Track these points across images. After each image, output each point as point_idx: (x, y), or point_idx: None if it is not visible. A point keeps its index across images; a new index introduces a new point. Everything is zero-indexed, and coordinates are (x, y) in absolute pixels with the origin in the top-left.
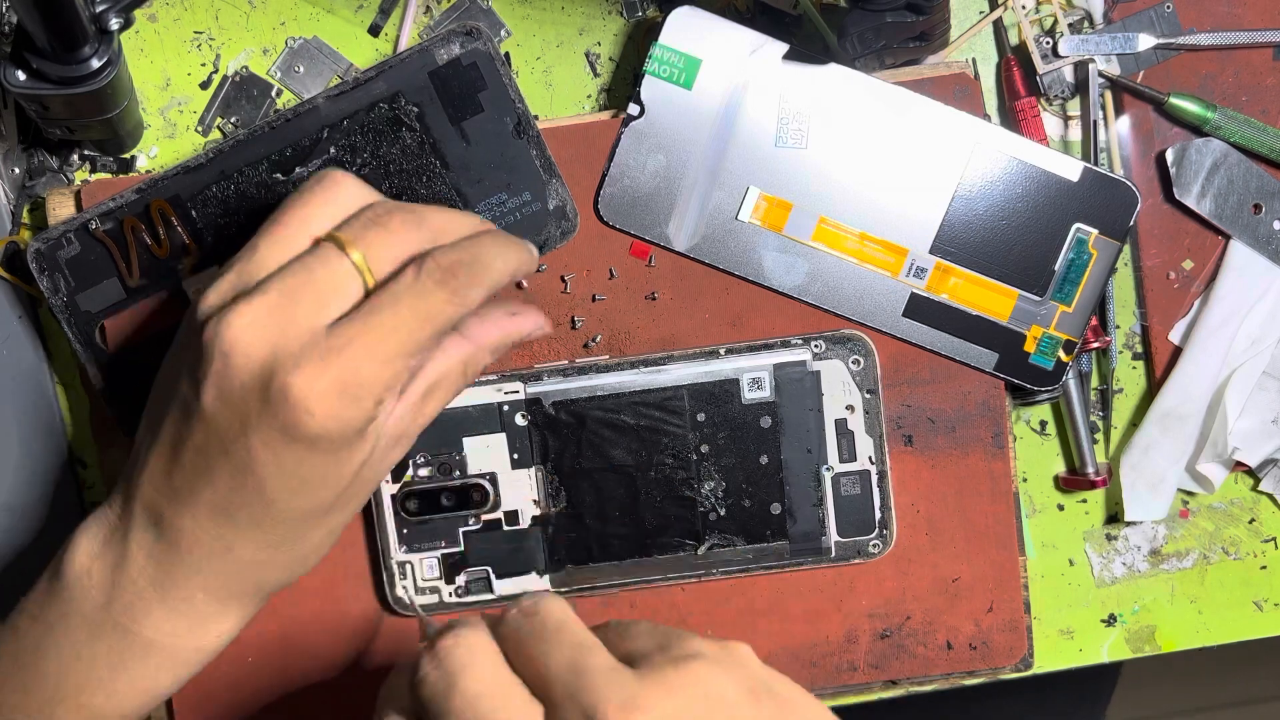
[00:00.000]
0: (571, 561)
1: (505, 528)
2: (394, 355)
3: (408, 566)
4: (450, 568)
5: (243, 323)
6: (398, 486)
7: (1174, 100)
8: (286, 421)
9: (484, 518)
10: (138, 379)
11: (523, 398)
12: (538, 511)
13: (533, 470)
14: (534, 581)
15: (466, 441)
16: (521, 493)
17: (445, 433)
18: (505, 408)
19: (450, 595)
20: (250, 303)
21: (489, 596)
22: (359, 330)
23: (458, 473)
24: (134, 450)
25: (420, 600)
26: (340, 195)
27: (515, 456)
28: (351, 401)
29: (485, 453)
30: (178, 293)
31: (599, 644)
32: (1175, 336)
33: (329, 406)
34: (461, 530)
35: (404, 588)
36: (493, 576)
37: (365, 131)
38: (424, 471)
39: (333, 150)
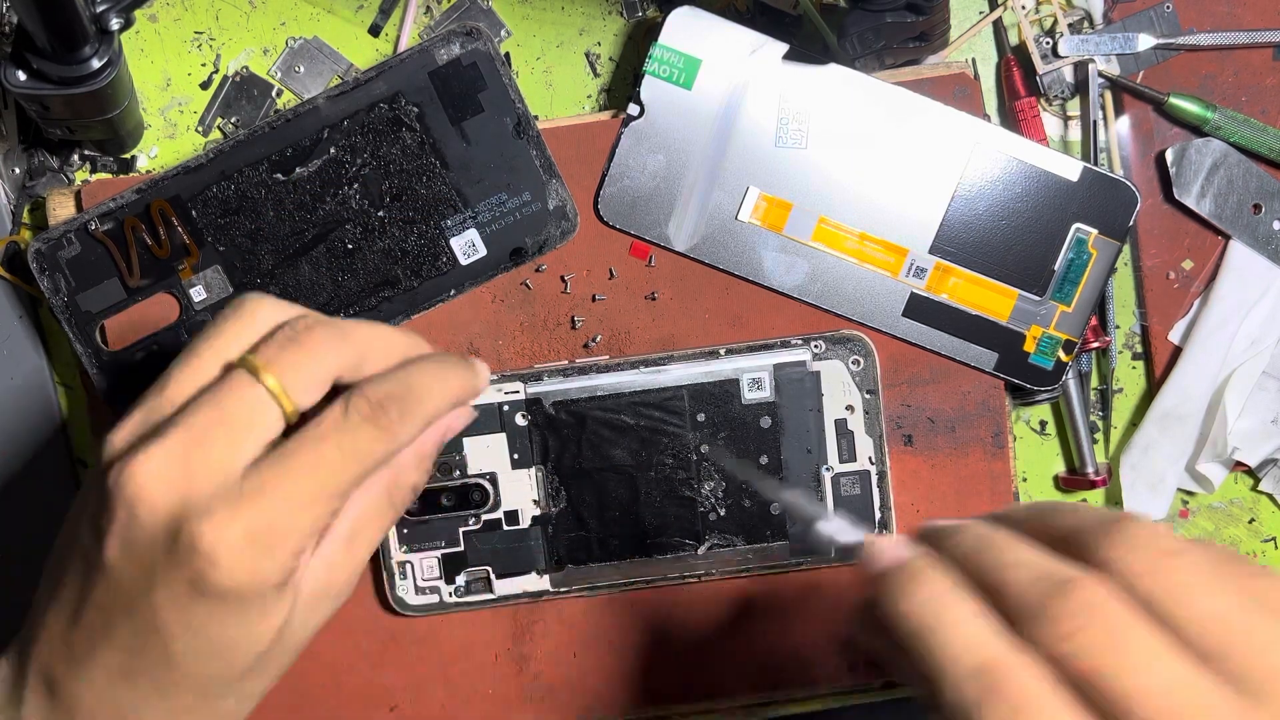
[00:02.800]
0: (571, 561)
1: (505, 527)
2: (314, 499)
3: (408, 566)
4: (450, 567)
5: (148, 468)
6: None
7: (1174, 100)
8: (193, 575)
9: (484, 517)
10: (138, 379)
11: (523, 398)
12: (538, 511)
13: (533, 470)
14: (534, 581)
15: (466, 441)
16: (521, 493)
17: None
18: (505, 408)
19: (450, 595)
20: (156, 445)
21: (489, 596)
22: (276, 473)
23: (458, 472)
24: (33, 605)
25: (419, 600)
26: (256, 316)
27: (515, 456)
28: (265, 551)
29: (485, 453)
30: (178, 293)
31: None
32: (1175, 336)
33: (239, 557)
34: (461, 530)
35: (404, 588)
36: (493, 576)
37: (365, 131)
38: None
39: (333, 150)
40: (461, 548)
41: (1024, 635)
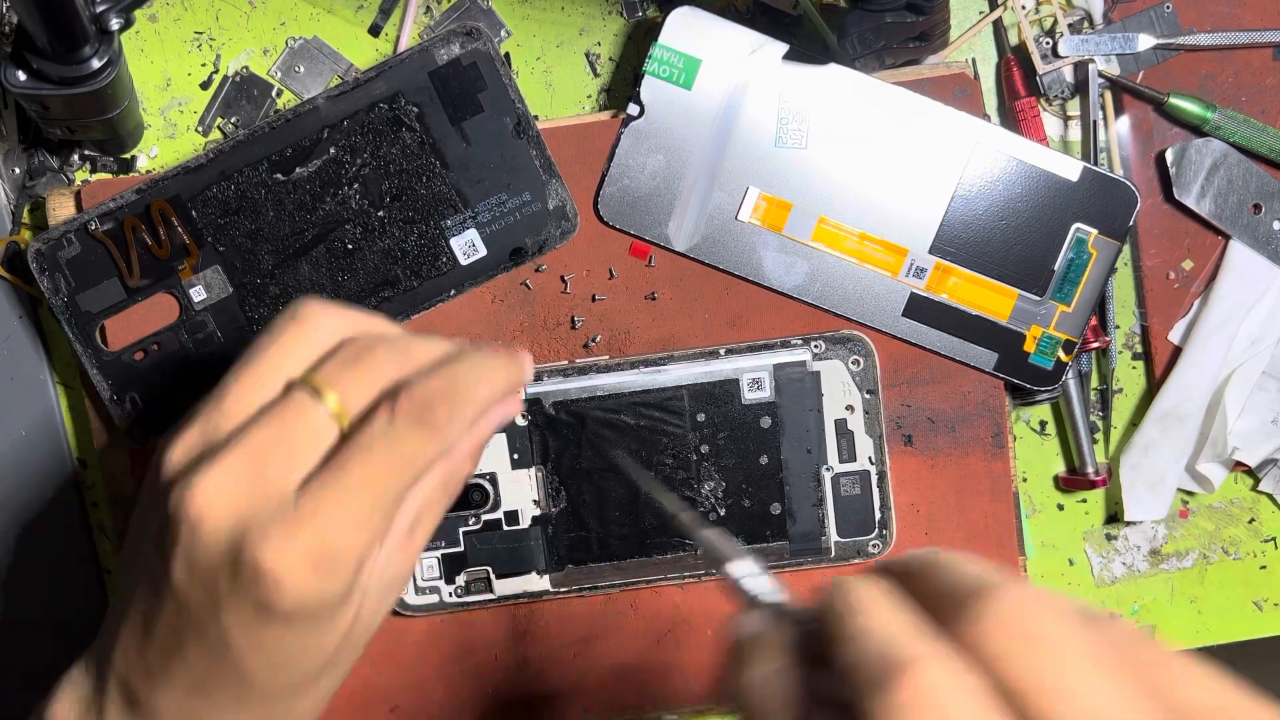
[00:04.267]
0: (571, 561)
1: (505, 528)
2: (369, 514)
3: None
4: (450, 567)
5: (209, 489)
6: None
7: (1173, 100)
8: (259, 599)
9: (484, 518)
10: (138, 379)
11: (523, 398)
12: (538, 511)
13: (533, 470)
14: (534, 581)
15: None
16: (521, 493)
17: None
18: None
19: (450, 595)
20: (217, 465)
21: (489, 596)
22: (330, 492)
23: None
24: (109, 615)
25: (419, 600)
26: (317, 330)
27: (515, 457)
28: (328, 572)
29: (485, 453)
30: (178, 293)
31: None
32: (1175, 336)
33: (303, 580)
34: (461, 530)
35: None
36: (493, 576)
37: (365, 131)
38: None
39: (333, 150)
40: (461, 548)
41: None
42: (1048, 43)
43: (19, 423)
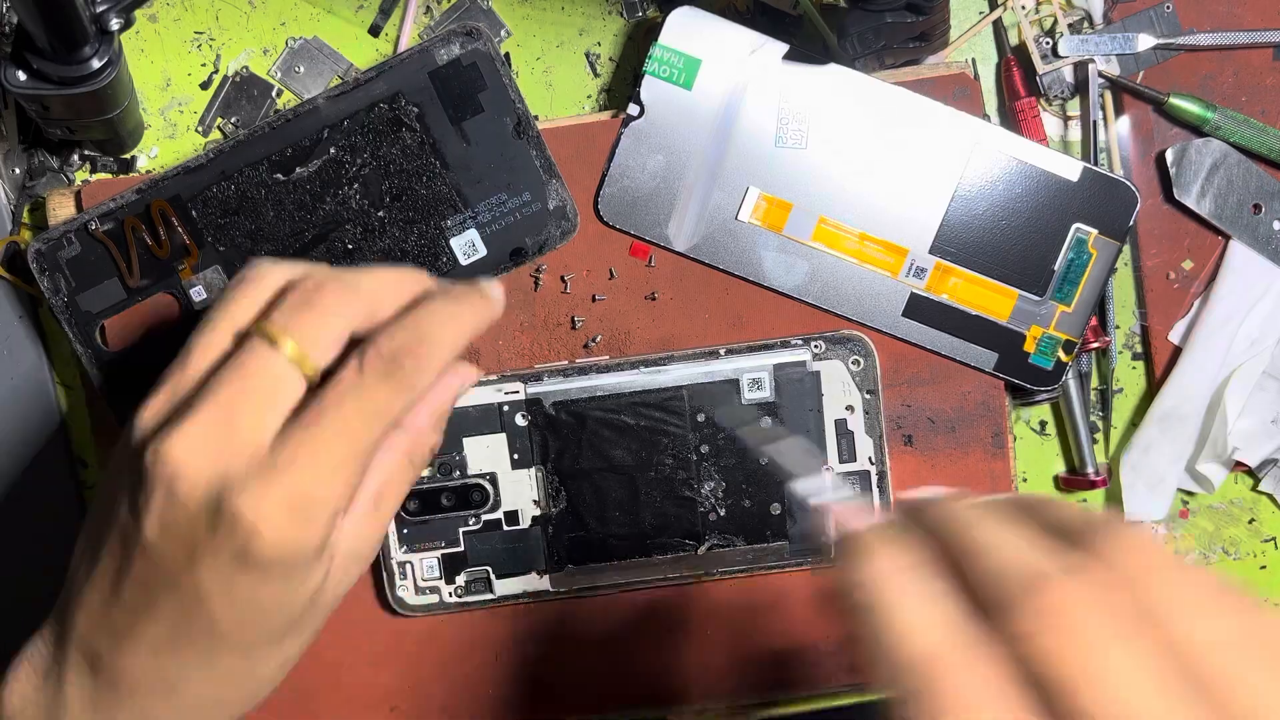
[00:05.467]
0: (571, 561)
1: (505, 528)
2: (343, 463)
3: (408, 566)
4: (450, 567)
5: (183, 446)
6: None
7: (1174, 100)
8: (237, 548)
9: (484, 518)
10: (138, 379)
11: (523, 398)
12: (538, 511)
13: (533, 470)
14: (534, 581)
15: (466, 442)
16: (521, 493)
17: (446, 433)
18: (505, 408)
19: (450, 595)
20: (187, 422)
21: (489, 596)
22: (303, 440)
23: (458, 473)
24: (68, 578)
25: (419, 600)
26: (263, 281)
27: (515, 457)
28: (304, 520)
29: (485, 453)
30: (178, 293)
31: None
32: (1175, 336)
33: (282, 528)
34: (461, 530)
35: (404, 588)
36: (493, 576)
37: (365, 132)
38: (424, 472)
39: (333, 150)
40: (461, 548)
41: (992, 627)
42: (1048, 43)
43: (19, 422)
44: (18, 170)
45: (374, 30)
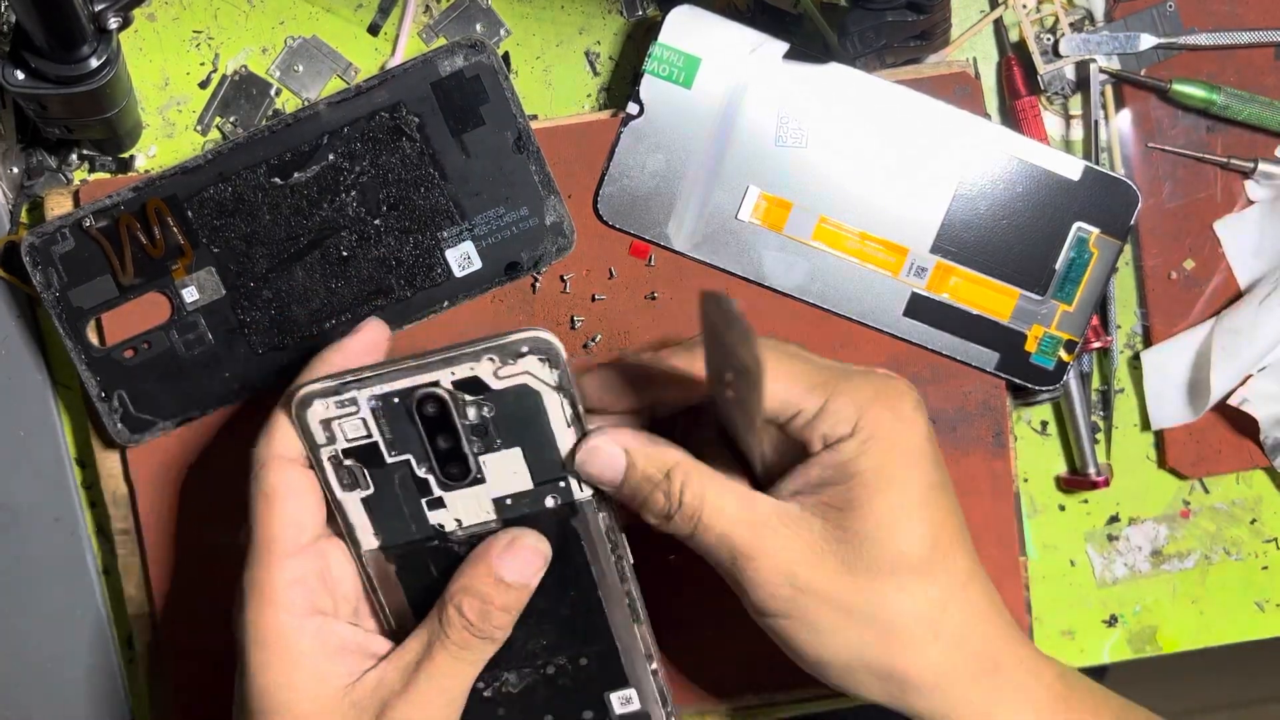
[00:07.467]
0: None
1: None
2: None
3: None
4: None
5: None
6: None
7: (1177, 86)
8: None
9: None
10: (126, 377)
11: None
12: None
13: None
14: None
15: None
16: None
17: None
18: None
19: None
20: None
21: None
22: None
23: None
24: None
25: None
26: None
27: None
28: None
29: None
30: (170, 293)
31: None
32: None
33: None
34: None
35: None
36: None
37: (365, 139)
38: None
39: (332, 157)
40: None
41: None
42: (1049, 41)
43: (17, 423)
44: (16, 170)
45: (373, 29)
